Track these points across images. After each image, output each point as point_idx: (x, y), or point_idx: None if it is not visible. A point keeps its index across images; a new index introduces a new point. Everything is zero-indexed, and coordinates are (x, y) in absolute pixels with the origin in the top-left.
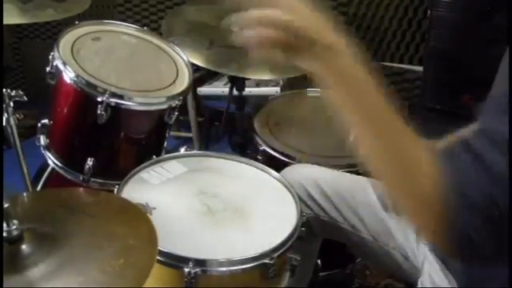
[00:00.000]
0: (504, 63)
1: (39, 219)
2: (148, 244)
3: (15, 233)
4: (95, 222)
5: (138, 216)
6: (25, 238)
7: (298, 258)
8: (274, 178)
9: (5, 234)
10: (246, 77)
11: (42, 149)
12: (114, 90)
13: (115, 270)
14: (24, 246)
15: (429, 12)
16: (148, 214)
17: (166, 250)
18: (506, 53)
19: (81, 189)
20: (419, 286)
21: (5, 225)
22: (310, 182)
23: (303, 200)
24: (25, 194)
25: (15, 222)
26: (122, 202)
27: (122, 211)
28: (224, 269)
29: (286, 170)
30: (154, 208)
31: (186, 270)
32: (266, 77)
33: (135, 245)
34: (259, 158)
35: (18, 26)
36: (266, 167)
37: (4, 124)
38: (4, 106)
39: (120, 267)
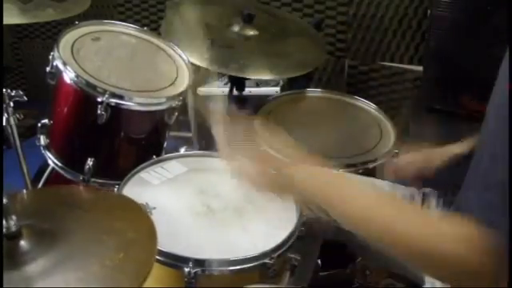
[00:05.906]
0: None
1: (38, 215)
2: (148, 237)
3: (14, 229)
4: (94, 217)
5: (137, 210)
6: (23, 233)
7: (298, 258)
8: None
9: (3, 230)
10: (246, 77)
11: (42, 149)
12: (113, 90)
13: (115, 264)
14: (22, 242)
15: (429, 12)
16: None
17: (165, 250)
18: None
19: (80, 186)
20: (426, 285)
21: (3, 221)
22: None
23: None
24: (24, 191)
25: (14, 217)
26: (120, 197)
27: (120, 206)
28: (224, 269)
29: None
30: (154, 208)
31: (186, 269)
32: (266, 77)
33: (135, 238)
34: None
35: (18, 25)
36: None
37: (4, 124)
38: (4, 105)
39: (120, 261)
